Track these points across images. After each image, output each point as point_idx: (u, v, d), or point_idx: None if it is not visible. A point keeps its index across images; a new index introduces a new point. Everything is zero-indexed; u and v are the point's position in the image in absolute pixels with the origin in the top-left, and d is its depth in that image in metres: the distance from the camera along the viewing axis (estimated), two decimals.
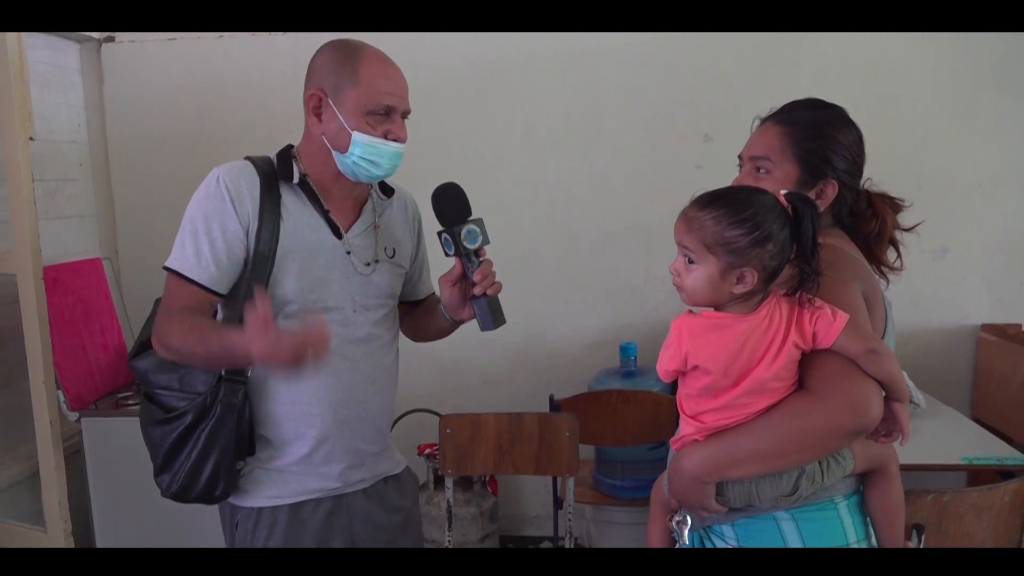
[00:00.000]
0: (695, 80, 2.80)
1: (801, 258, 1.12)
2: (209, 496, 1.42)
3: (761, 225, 1.12)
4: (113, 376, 2.66)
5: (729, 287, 1.14)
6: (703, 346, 1.15)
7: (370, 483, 1.53)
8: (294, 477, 1.45)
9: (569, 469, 2.29)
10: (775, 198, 1.15)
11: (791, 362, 1.14)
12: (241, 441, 1.41)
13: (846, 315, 1.12)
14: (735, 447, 1.16)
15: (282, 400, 1.43)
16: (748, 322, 1.15)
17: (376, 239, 1.51)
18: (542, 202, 2.90)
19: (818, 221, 1.13)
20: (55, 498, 2.09)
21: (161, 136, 2.98)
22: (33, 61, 1.99)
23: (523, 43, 2.83)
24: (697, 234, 1.15)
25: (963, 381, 2.84)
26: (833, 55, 2.74)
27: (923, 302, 2.79)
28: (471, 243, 1.40)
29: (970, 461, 2.06)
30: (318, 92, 1.42)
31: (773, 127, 1.35)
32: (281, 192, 1.43)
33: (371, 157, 1.40)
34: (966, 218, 2.77)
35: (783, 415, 1.14)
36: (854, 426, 1.12)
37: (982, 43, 2.70)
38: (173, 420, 1.41)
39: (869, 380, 1.12)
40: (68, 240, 2.82)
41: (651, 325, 2.87)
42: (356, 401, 1.48)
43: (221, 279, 1.38)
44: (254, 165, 1.44)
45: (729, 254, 1.13)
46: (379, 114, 1.40)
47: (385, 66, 1.43)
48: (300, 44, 2.84)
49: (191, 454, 1.40)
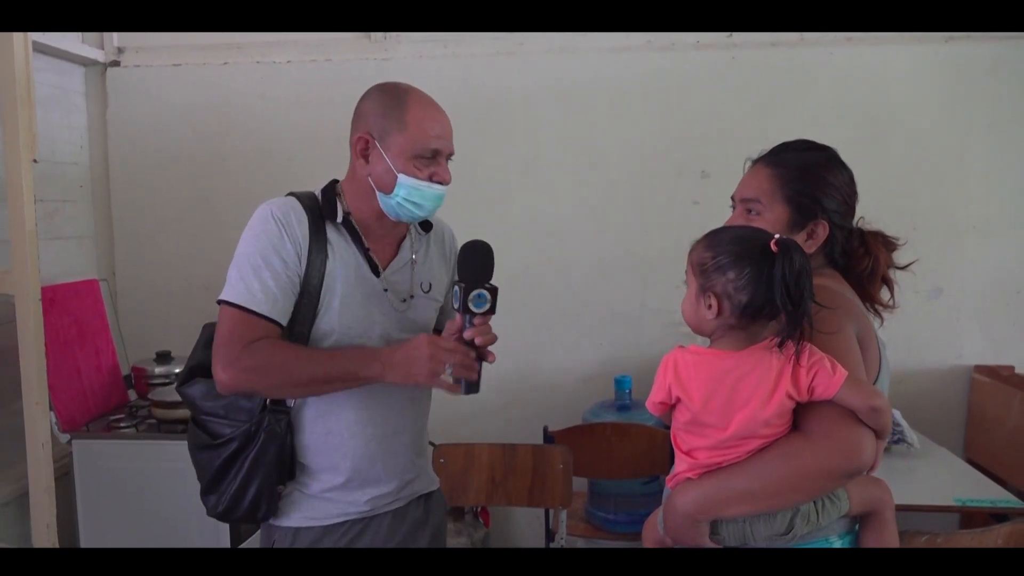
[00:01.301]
0: (693, 116, 2.83)
1: (782, 304, 1.12)
2: (252, 517, 1.48)
3: (727, 252, 1.17)
4: (106, 398, 2.65)
5: (703, 311, 1.19)
6: (685, 378, 1.19)
7: (404, 503, 1.56)
8: (329, 503, 1.49)
9: (562, 501, 2.29)
10: (763, 239, 1.16)
11: (783, 411, 1.15)
12: (283, 467, 1.46)
13: (845, 371, 1.13)
14: (728, 486, 1.17)
15: (318, 432, 1.48)
16: (733, 359, 1.17)
17: (412, 275, 1.55)
18: (539, 234, 2.91)
19: (792, 269, 1.12)
20: (44, 520, 2.06)
21: (162, 160, 3.00)
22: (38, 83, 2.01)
23: (521, 75, 2.87)
24: (689, 258, 1.23)
25: (956, 422, 2.84)
26: (829, 95, 2.78)
27: (916, 342, 2.80)
28: (476, 307, 1.40)
29: (963, 503, 2.06)
30: (365, 135, 1.46)
31: (763, 169, 1.37)
32: (327, 229, 1.46)
33: (415, 199, 1.45)
34: (960, 259, 2.79)
35: (776, 456, 1.15)
36: (847, 469, 1.14)
37: (976, 87, 2.74)
38: (220, 446, 1.46)
39: (863, 426, 1.13)
40: (66, 261, 2.82)
41: (646, 358, 2.86)
42: (389, 433, 1.52)
43: (283, 311, 1.42)
44: (300, 202, 1.47)
45: (701, 275, 1.20)
46: (425, 157, 1.44)
47: (432, 110, 1.47)
48: (302, 70, 2.92)
49: (236, 477, 1.45)
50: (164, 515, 2.41)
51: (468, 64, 2.87)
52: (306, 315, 1.43)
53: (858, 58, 2.76)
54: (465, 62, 2.87)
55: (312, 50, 2.90)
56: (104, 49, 2.95)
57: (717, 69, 2.80)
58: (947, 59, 2.74)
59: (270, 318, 1.40)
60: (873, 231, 1.40)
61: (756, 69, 2.79)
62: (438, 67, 2.86)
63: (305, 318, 1.43)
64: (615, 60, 2.83)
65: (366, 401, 1.48)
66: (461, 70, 2.86)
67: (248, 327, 1.39)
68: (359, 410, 1.48)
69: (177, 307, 2.97)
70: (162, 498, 2.40)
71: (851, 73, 2.77)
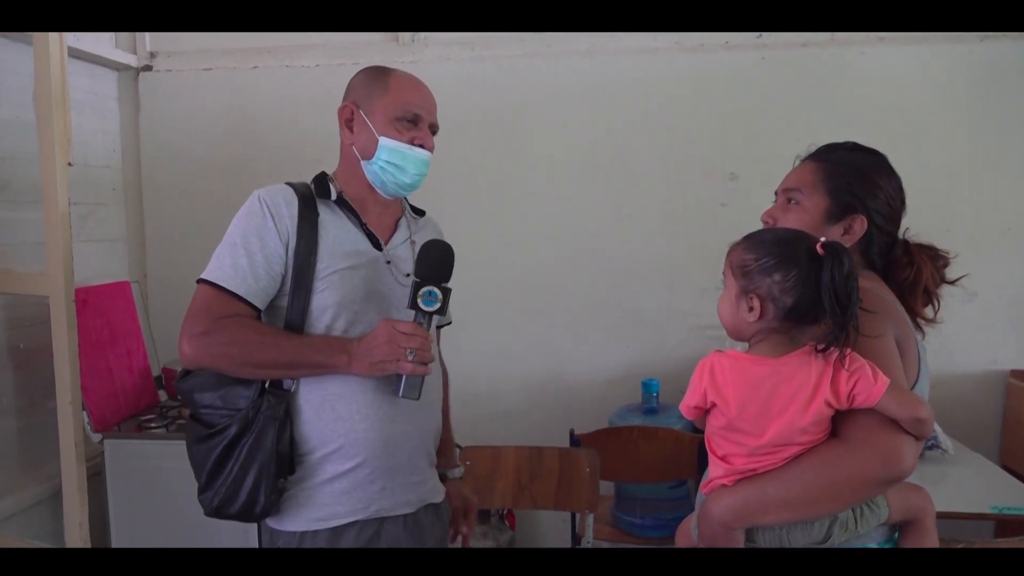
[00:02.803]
0: (721, 118, 2.81)
1: (830, 309, 1.11)
2: (249, 513, 1.43)
3: (772, 254, 1.15)
4: (137, 399, 2.69)
5: (744, 313, 1.17)
6: (721, 384, 1.17)
7: (413, 509, 1.52)
8: (336, 498, 1.44)
9: (589, 505, 2.27)
10: (808, 241, 1.15)
11: (821, 419, 1.13)
12: (281, 458, 1.41)
13: (887, 379, 1.10)
14: (764, 494, 1.15)
15: (327, 418, 1.44)
16: (770, 366, 1.15)
17: (412, 253, 1.55)
18: (565, 236, 2.91)
19: (842, 272, 1.10)
20: (76, 519, 2.09)
21: (193, 163, 3.03)
22: (72, 88, 2.03)
23: (548, 77, 2.86)
24: (728, 259, 1.21)
25: (991, 427, 2.78)
26: (860, 95, 2.74)
27: (951, 347, 2.75)
28: (427, 305, 1.38)
29: (999, 510, 2.01)
30: (351, 104, 1.51)
31: (810, 163, 1.38)
32: (319, 211, 1.48)
33: (397, 161, 1.46)
34: (994, 263, 2.74)
35: (814, 463, 1.13)
36: (886, 477, 1.12)
37: (1011, 87, 2.69)
38: (216, 435, 1.43)
39: (902, 432, 1.11)
40: (98, 263, 2.86)
41: (673, 361, 2.84)
42: (401, 419, 1.47)
43: (258, 293, 1.42)
44: (292, 187, 1.50)
45: (742, 277, 1.17)
46: (406, 120, 1.47)
47: (414, 81, 1.52)
48: (330, 74, 2.93)
49: (232, 469, 1.42)
50: (194, 514, 2.39)
51: (495, 66, 2.87)
52: (299, 292, 1.42)
53: (890, 58, 2.72)
54: (492, 64, 2.87)
55: (340, 53, 2.92)
56: (136, 54, 3.00)
57: (746, 70, 2.78)
58: (981, 58, 2.69)
59: (243, 298, 1.40)
60: (921, 243, 1.38)
61: (786, 70, 2.76)
62: (465, 69, 2.87)
63: (299, 295, 1.42)
64: (643, 61, 2.82)
65: (377, 384, 1.43)
66: (488, 72, 2.86)
67: (219, 304, 1.39)
68: (370, 393, 1.43)
69: None
70: (192, 497, 2.40)
71: (883, 73, 2.73)
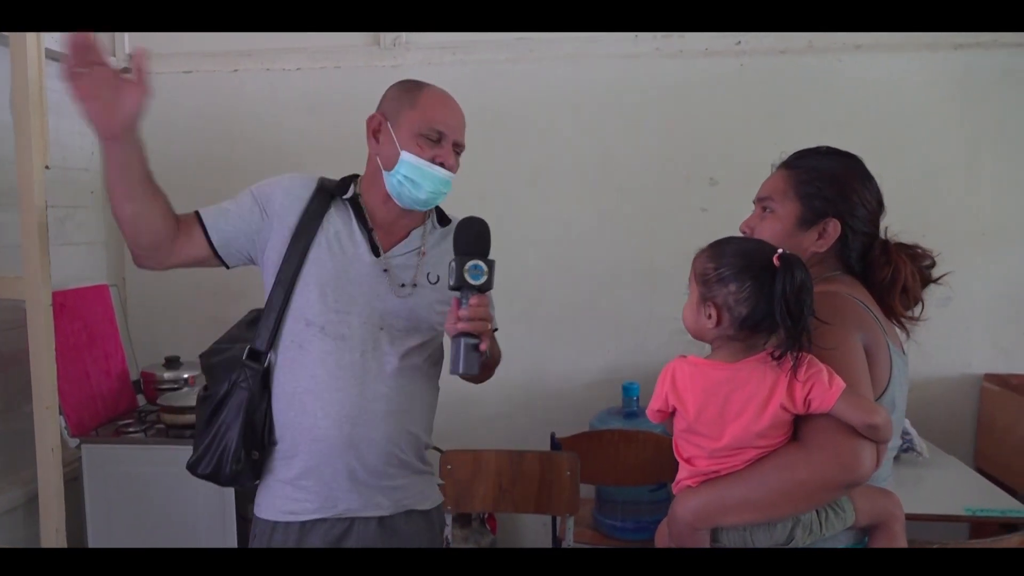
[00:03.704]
0: (701, 123, 2.84)
1: (781, 320, 1.13)
2: (216, 476, 1.48)
3: (730, 265, 1.18)
4: (115, 403, 2.66)
5: (703, 320, 1.20)
6: (681, 389, 1.21)
7: (388, 512, 1.51)
8: (305, 494, 1.48)
9: (569, 508, 2.28)
10: (767, 253, 1.17)
11: (779, 423, 1.16)
12: (252, 430, 1.47)
13: (842, 383, 1.12)
14: (726, 495, 1.18)
15: (295, 409, 1.48)
16: (727, 371, 1.19)
17: (420, 264, 1.55)
18: (547, 241, 2.92)
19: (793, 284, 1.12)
20: (53, 525, 2.07)
21: (172, 166, 2.97)
22: (50, 90, 2.01)
23: (530, 82, 2.87)
24: (693, 266, 1.25)
25: (966, 431, 2.82)
26: (838, 102, 2.77)
27: (926, 351, 2.72)
28: (473, 279, 1.37)
29: (973, 512, 2.04)
30: (380, 115, 1.52)
31: (782, 171, 1.40)
32: (331, 206, 1.52)
33: (414, 177, 1.47)
34: (970, 267, 2.78)
35: (772, 466, 1.16)
36: (843, 480, 1.14)
37: (985, 95, 2.73)
38: (208, 397, 1.52)
39: (860, 437, 1.13)
40: (76, 266, 2.83)
41: (654, 365, 2.83)
42: (364, 421, 1.47)
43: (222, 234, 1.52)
44: (320, 179, 1.57)
45: (703, 284, 1.21)
46: (430, 139, 1.48)
47: (445, 98, 1.54)
48: (311, 77, 2.93)
49: (209, 432, 1.48)
50: (172, 519, 2.42)
51: (477, 71, 2.88)
52: (289, 271, 1.47)
53: (867, 65, 2.76)
54: (474, 69, 2.88)
55: (321, 57, 2.92)
56: (116, 56, 2.97)
57: (726, 76, 2.80)
58: (957, 67, 2.74)
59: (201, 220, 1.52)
60: (902, 243, 1.39)
61: (765, 76, 2.79)
62: (447, 73, 2.85)
63: (288, 273, 1.47)
64: (624, 67, 2.84)
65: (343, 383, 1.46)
66: (470, 77, 2.86)
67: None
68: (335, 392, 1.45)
69: (186, 313, 2.98)
70: (170, 503, 2.41)
71: (860, 80, 2.76)
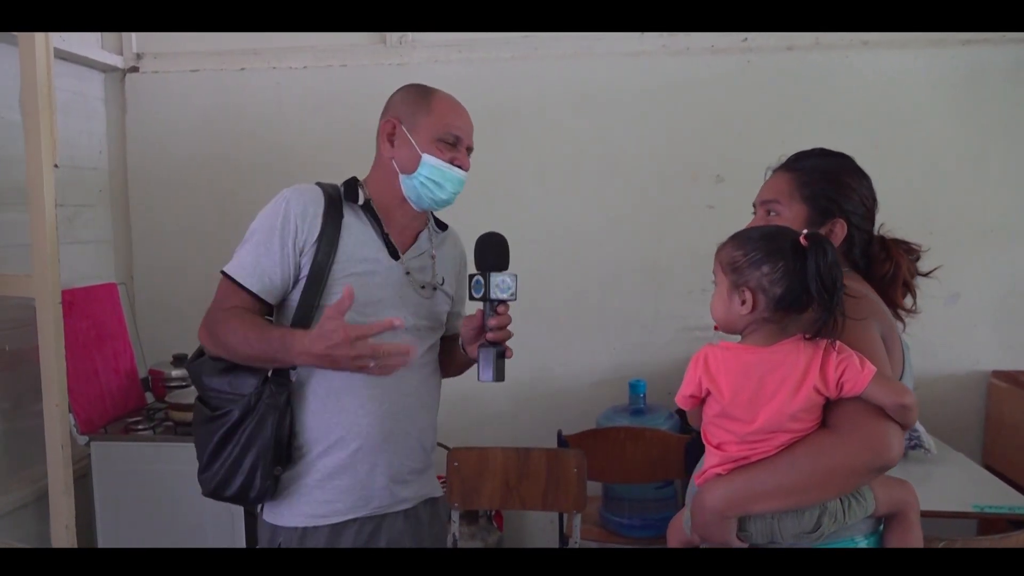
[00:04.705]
0: (708, 121, 2.83)
1: (817, 294, 1.15)
2: (244, 497, 1.48)
3: (759, 249, 1.20)
4: (124, 400, 2.68)
5: (736, 307, 1.22)
6: (715, 372, 1.22)
7: (412, 504, 1.57)
8: (337, 495, 1.49)
9: (576, 506, 2.28)
10: (792, 235, 1.20)
11: (811, 406, 1.17)
12: (279, 446, 1.46)
13: (873, 367, 1.15)
14: (757, 481, 1.18)
15: (330, 410, 1.49)
16: (761, 354, 1.20)
17: (432, 265, 1.60)
18: (554, 238, 2.92)
19: (826, 260, 1.16)
20: (63, 522, 2.08)
21: (180, 165, 3.02)
22: (58, 89, 2.03)
23: (536, 80, 2.88)
24: (717, 258, 1.26)
25: (974, 427, 2.81)
26: (845, 99, 2.77)
27: (933, 347, 2.78)
28: (501, 293, 1.47)
29: (982, 509, 2.04)
30: (393, 119, 1.55)
31: (783, 174, 1.43)
32: (344, 214, 1.52)
33: (437, 179, 1.51)
34: (977, 264, 2.77)
35: (805, 452, 1.17)
36: (875, 464, 1.16)
37: (993, 91, 2.72)
38: (219, 418, 1.48)
39: (889, 420, 1.15)
40: (85, 265, 2.85)
41: (660, 363, 2.86)
42: (402, 416, 1.53)
43: (272, 291, 1.48)
44: (321, 188, 1.54)
45: (733, 272, 1.22)
46: (448, 142, 1.53)
47: (456, 103, 1.59)
48: (317, 76, 2.94)
49: (232, 453, 1.46)
50: (181, 516, 2.43)
51: (483, 69, 2.88)
52: (312, 290, 1.47)
53: (874, 62, 2.75)
54: (480, 67, 2.88)
55: (327, 56, 2.92)
56: (123, 55, 2.99)
57: (732, 73, 2.80)
58: (964, 63, 2.73)
59: (251, 291, 1.47)
60: (895, 238, 1.43)
61: (771, 73, 2.79)
62: (453, 72, 2.87)
63: (310, 292, 1.47)
64: (630, 65, 2.84)
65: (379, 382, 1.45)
66: (476, 75, 2.87)
67: (232, 296, 1.48)
68: (372, 389, 1.48)
69: (194, 311, 2.94)
70: (179, 500, 2.42)
71: (867, 77, 2.75)
